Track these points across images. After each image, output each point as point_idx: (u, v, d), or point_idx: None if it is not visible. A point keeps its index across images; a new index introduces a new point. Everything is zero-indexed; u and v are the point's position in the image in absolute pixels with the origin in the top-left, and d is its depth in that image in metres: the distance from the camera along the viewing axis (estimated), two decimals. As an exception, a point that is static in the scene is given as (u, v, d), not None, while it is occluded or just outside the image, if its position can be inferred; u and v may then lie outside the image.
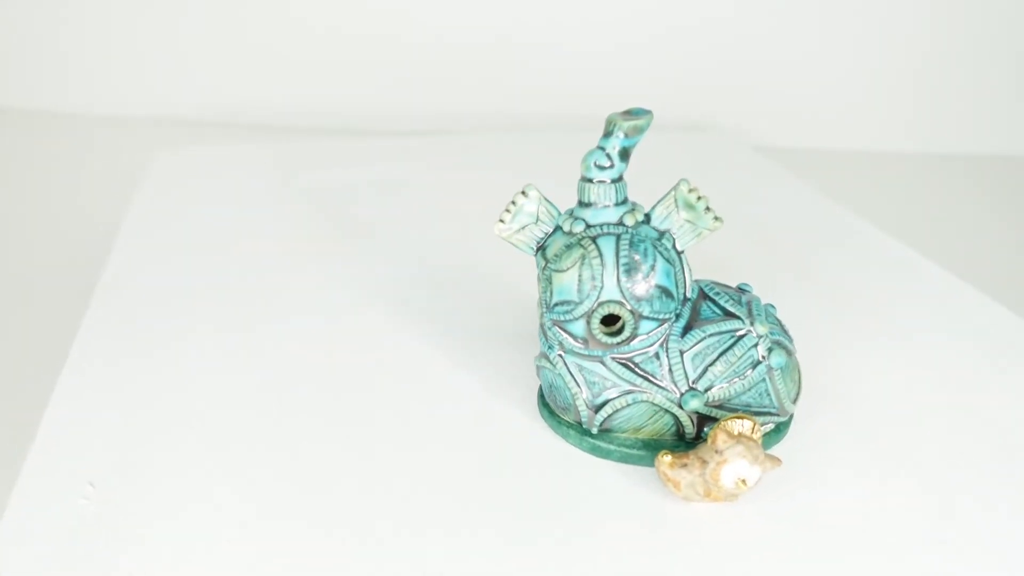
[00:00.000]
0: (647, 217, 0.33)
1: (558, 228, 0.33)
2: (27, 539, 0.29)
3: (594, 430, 0.34)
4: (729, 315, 0.33)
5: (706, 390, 0.32)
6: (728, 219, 0.60)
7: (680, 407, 0.32)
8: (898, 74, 1.07)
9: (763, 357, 0.33)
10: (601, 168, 0.32)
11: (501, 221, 0.33)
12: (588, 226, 0.32)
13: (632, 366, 0.32)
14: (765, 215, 0.62)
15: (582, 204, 0.32)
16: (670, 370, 0.32)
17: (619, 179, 0.32)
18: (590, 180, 0.32)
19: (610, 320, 0.32)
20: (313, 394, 0.37)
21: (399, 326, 0.43)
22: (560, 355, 0.33)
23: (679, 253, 0.33)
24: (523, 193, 0.33)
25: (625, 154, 0.32)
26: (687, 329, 0.33)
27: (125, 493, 0.31)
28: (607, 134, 0.31)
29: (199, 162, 0.67)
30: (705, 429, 0.33)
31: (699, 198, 0.32)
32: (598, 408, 0.33)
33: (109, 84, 1.03)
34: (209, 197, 0.60)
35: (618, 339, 0.32)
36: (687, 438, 0.34)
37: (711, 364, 0.32)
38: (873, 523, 0.31)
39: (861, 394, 0.39)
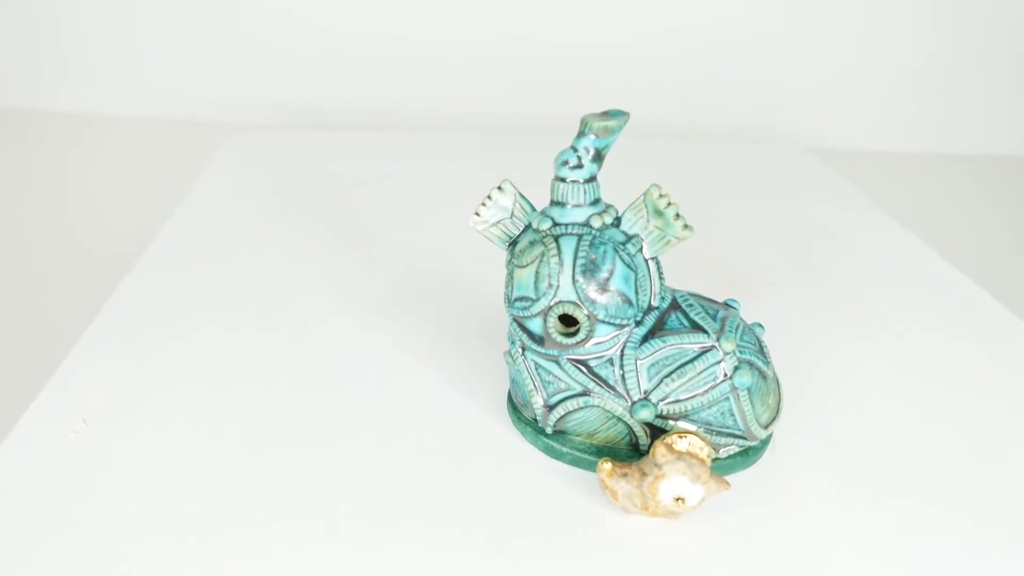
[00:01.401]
0: (618, 220, 0.32)
1: (529, 225, 0.33)
2: (22, 457, 0.32)
3: (548, 430, 0.34)
4: (696, 328, 0.32)
5: (660, 401, 0.31)
6: (761, 225, 0.59)
7: (632, 416, 0.32)
8: (901, 74, 1.05)
9: (726, 375, 0.31)
10: (572, 167, 0.32)
11: (477, 214, 0.34)
12: (555, 224, 0.32)
13: (586, 369, 0.32)
14: (802, 222, 0.59)
15: (553, 203, 0.32)
16: (623, 377, 0.32)
17: (591, 179, 0.32)
18: (562, 179, 0.32)
19: (569, 320, 0.32)
20: (308, 385, 0.39)
21: (394, 320, 0.45)
22: (520, 351, 0.33)
23: (648, 260, 0.32)
24: (499, 188, 0.33)
25: (598, 155, 0.31)
26: (648, 338, 0.32)
27: (110, 434, 0.34)
28: (580, 134, 0.31)
29: (257, 151, 0.71)
30: (661, 442, 0.32)
31: (668, 204, 0.31)
32: (552, 408, 0.33)
33: (154, 89, 1.04)
34: (263, 186, 0.64)
35: (573, 340, 0.31)
36: (642, 449, 0.33)
37: (667, 376, 0.31)
38: (822, 565, 0.29)
39: (858, 424, 0.37)
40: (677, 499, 0.30)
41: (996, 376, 0.41)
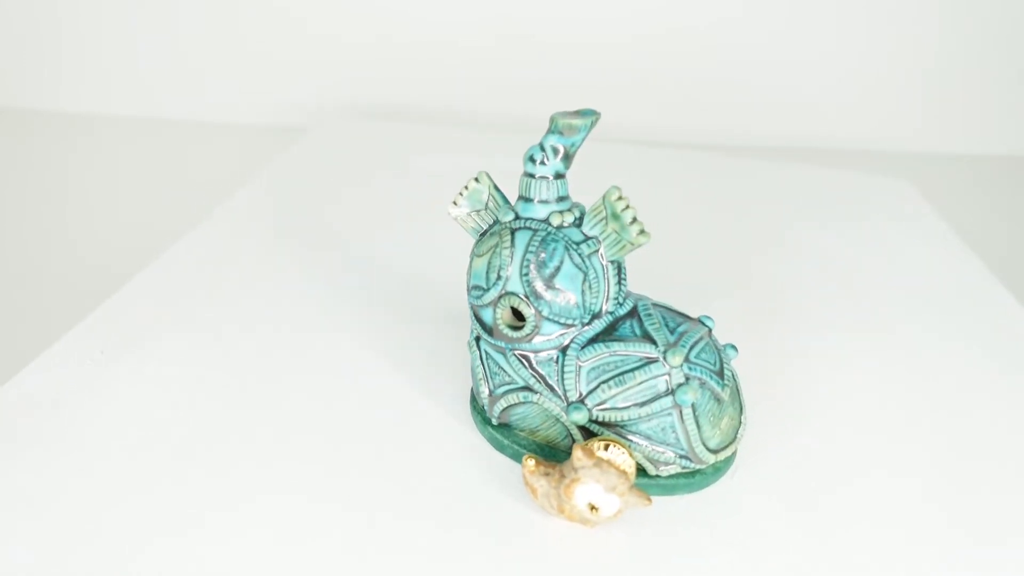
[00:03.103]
0: (580, 220, 0.32)
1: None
2: (46, 372, 0.37)
3: (493, 421, 0.34)
4: (646, 338, 0.31)
5: (595, 406, 0.31)
6: (779, 237, 0.55)
7: (567, 417, 0.31)
8: (903, 74, 1.02)
9: (669, 389, 0.30)
10: (538, 164, 0.32)
11: (454, 203, 0.35)
12: (517, 218, 0.32)
13: (528, 365, 0.32)
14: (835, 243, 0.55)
15: (520, 197, 0.33)
16: (561, 377, 0.31)
17: (558, 176, 0.32)
18: (530, 175, 0.32)
19: (521, 315, 0.32)
20: (305, 378, 0.41)
21: (383, 312, 0.46)
22: (475, 340, 0.34)
23: (605, 262, 0.31)
24: (475, 180, 0.34)
25: (566, 153, 0.31)
26: (594, 341, 0.31)
27: (116, 366, 0.38)
28: (548, 131, 0.31)
29: (260, 149, 0.72)
30: (599, 449, 0.32)
31: (626, 208, 0.30)
32: (496, 399, 0.33)
33: (154, 89, 1.04)
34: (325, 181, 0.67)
35: (518, 334, 0.32)
36: (580, 454, 0.32)
37: (605, 382, 0.31)
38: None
39: (844, 460, 0.34)
40: (591, 507, 0.29)
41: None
